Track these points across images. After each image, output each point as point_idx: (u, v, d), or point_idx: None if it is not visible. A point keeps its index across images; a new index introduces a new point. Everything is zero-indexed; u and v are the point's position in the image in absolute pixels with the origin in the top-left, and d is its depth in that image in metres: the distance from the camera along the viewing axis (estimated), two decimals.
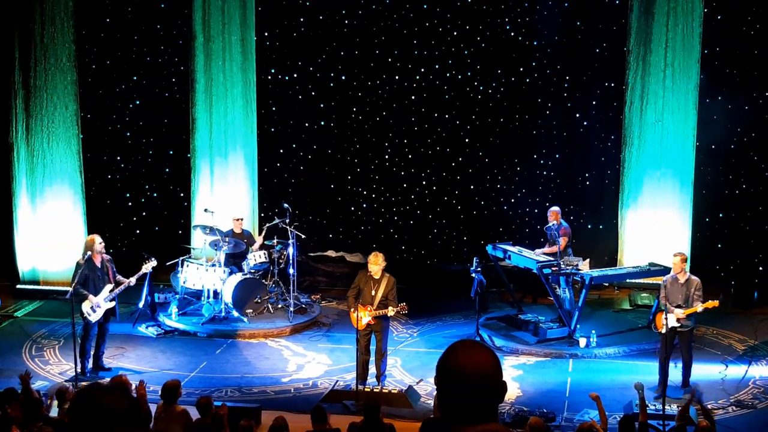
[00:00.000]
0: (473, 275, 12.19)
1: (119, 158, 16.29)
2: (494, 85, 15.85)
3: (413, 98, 16.10)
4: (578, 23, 15.40)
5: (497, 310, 13.87)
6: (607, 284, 14.30)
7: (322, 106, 16.35)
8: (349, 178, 16.54)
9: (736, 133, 14.86)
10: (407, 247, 16.48)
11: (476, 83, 15.91)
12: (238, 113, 15.10)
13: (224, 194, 15.13)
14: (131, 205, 16.43)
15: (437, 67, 15.94)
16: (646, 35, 14.23)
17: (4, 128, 14.78)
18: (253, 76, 15.24)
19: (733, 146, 14.94)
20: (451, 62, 15.90)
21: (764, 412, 10.21)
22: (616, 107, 15.13)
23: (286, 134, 16.43)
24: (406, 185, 16.43)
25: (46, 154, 14.57)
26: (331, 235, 16.65)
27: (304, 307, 13.73)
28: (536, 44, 15.53)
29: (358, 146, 16.45)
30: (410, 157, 16.35)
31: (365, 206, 16.62)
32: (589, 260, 13.09)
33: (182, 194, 16.02)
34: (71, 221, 14.78)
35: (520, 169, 15.98)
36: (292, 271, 13.31)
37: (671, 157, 14.36)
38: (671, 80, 14.17)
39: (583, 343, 12.06)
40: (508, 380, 3.14)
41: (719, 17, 14.64)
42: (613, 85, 15.25)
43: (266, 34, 15.85)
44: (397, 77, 16.09)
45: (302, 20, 16.04)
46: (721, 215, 15.19)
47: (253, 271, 13.54)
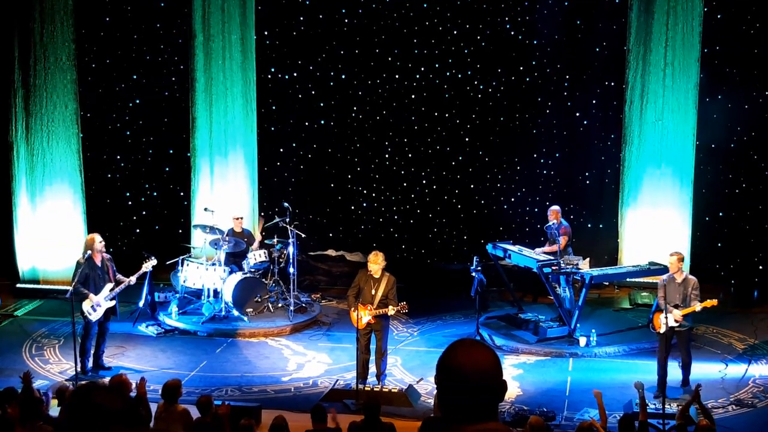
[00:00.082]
0: (473, 274, 12.18)
1: (119, 157, 16.28)
2: (494, 84, 15.85)
3: (413, 97, 16.10)
4: (578, 22, 15.40)
5: (497, 309, 13.87)
6: (607, 283, 14.30)
7: (322, 105, 16.35)
8: (349, 177, 16.54)
9: (736, 132, 14.86)
10: (407, 246, 16.48)
11: (476, 82, 15.91)
12: (238, 112, 15.09)
13: (224, 193, 15.12)
14: (131, 204, 16.43)
15: (437, 66, 15.94)
16: (646, 34, 14.22)
17: (3, 127, 14.77)
18: (253, 75, 15.24)
19: (732, 145, 14.94)
20: (451, 61, 15.89)
21: (764, 411, 10.20)
22: (616, 106, 15.13)
23: (286, 133, 16.43)
24: (406, 184, 16.43)
25: (45, 153, 14.56)
26: (331, 234, 16.65)
27: (304, 306, 13.73)
28: (536, 43, 15.53)
29: (358, 145, 16.44)
30: (410, 156, 16.35)
31: (365, 205, 16.62)
32: (589, 259, 13.07)
33: (182, 193, 16.02)
34: (71, 220, 14.77)
35: (520, 168, 15.98)
36: (292, 270, 13.31)
37: (671, 156, 14.36)
38: (671, 79, 14.17)
39: (583, 342, 12.06)
40: (508, 379, 3.14)
41: (719, 16, 14.63)
42: (613, 84, 15.25)
43: (266, 33, 15.84)
44: (397, 76, 16.09)
45: (302, 19, 16.04)
46: (721, 214, 15.19)
47: (253, 270, 13.54)
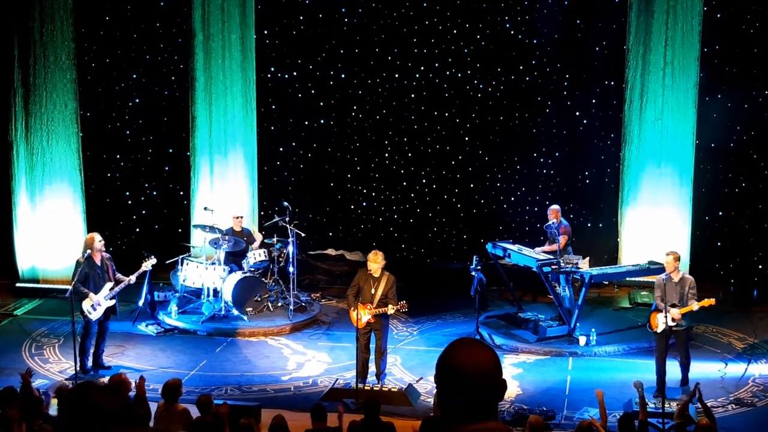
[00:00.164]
0: (473, 273, 12.19)
1: (119, 156, 16.28)
2: (494, 83, 15.85)
3: (413, 96, 16.10)
4: (578, 21, 15.40)
5: (497, 308, 13.87)
6: (606, 282, 14.30)
7: (321, 104, 16.34)
8: (348, 176, 16.54)
9: (735, 131, 14.87)
10: (407, 245, 16.48)
11: (476, 81, 15.91)
12: (237, 111, 15.10)
13: (224, 192, 15.12)
14: (131, 203, 16.42)
15: (437, 65, 15.94)
16: (645, 33, 14.22)
17: (3, 126, 14.77)
18: (252, 74, 15.24)
19: (732, 144, 14.94)
20: (450, 60, 15.89)
21: (764, 410, 10.20)
22: (615, 105, 15.13)
23: (285, 132, 16.43)
24: (405, 183, 16.43)
25: (45, 152, 14.55)
26: (330, 233, 16.65)
27: (303, 305, 13.73)
28: (536, 42, 15.53)
29: (357, 144, 16.44)
30: (410, 155, 16.35)
31: (365, 204, 16.62)
32: (588, 258, 13.06)
33: (182, 192, 16.01)
34: (71, 219, 14.77)
35: (519, 167, 15.98)
36: (291, 269, 13.31)
37: (671, 155, 14.36)
38: (671, 78, 14.17)
39: (582, 341, 12.06)
40: (507, 378, 3.14)
41: (719, 15, 14.63)
42: (612, 83, 15.25)
43: (266, 32, 15.84)
44: (396, 75, 16.09)
45: (302, 18, 16.04)
46: (720, 213, 15.20)
47: (252, 269, 13.54)
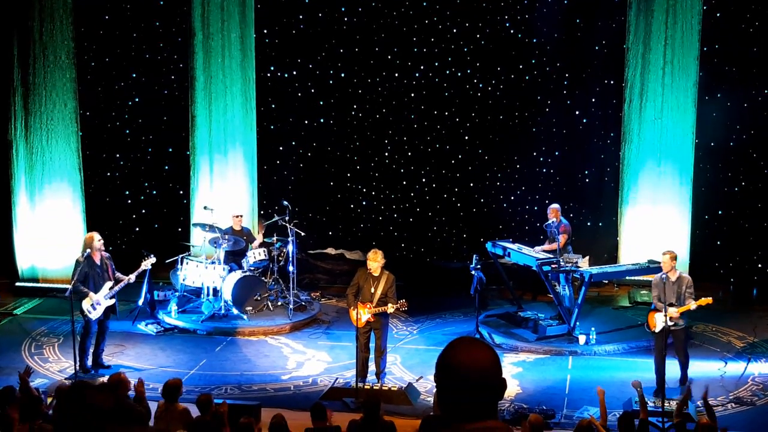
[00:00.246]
0: (473, 272, 12.18)
1: (118, 156, 16.27)
2: (494, 82, 15.85)
3: (413, 95, 16.10)
4: (577, 20, 15.39)
5: (497, 307, 13.88)
6: (606, 281, 14.30)
7: (321, 103, 16.34)
8: (348, 175, 16.54)
9: (735, 130, 14.87)
10: (407, 244, 16.48)
11: (476, 81, 15.90)
12: (237, 110, 15.09)
13: (223, 191, 15.12)
14: (131, 202, 16.42)
15: (437, 64, 15.93)
16: (645, 32, 14.22)
17: (3, 126, 14.76)
18: (252, 73, 15.23)
19: (732, 143, 14.94)
20: (450, 60, 15.88)
21: (763, 409, 10.21)
22: (615, 104, 15.13)
23: (285, 131, 16.43)
24: (405, 182, 16.43)
25: (45, 151, 14.55)
26: (330, 232, 16.65)
27: (303, 304, 13.72)
28: (536, 42, 15.52)
29: (357, 143, 16.44)
30: (410, 154, 16.35)
31: (365, 203, 16.62)
32: (588, 257, 13.06)
33: (181, 192, 16.01)
34: (70, 219, 14.76)
35: (519, 166, 15.98)
36: (291, 268, 13.30)
37: (670, 154, 14.36)
38: (670, 77, 14.17)
39: (582, 340, 12.06)
40: (507, 377, 3.14)
41: (718, 14, 14.63)
42: (612, 82, 15.24)
43: (265, 31, 15.83)
44: (396, 74, 16.08)
45: (301, 17, 16.04)
46: (720, 212, 15.20)
47: (252, 268, 13.54)
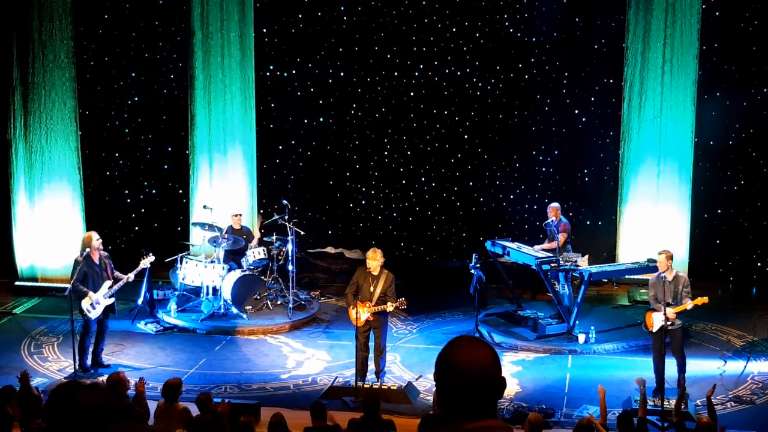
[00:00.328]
0: (472, 271, 12.19)
1: (118, 155, 16.28)
2: (493, 81, 15.85)
3: (412, 94, 16.10)
4: (577, 19, 15.40)
5: (496, 306, 13.88)
6: (605, 280, 14.31)
7: (320, 102, 16.35)
8: (348, 174, 16.54)
9: (734, 129, 14.88)
10: (406, 243, 16.49)
11: (475, 80, 15.91)
12: (236, 110, 15.09)
13: (223, 190, 15.12)
14: (130, 201, 16.42)
15: (436, 63, 15.94)
16: (644, 31, 14.22)
17: (2, 125, 14.76)
18: (251, 72, 15.23)
19: (731, 142, 14.95)
20: (449, 59, 15.89)
21: (763, 407, 10.21)
22: (614, 103, 15.13)
23: (284, 131, 16.43)
24: (404, 181, 16.43)
25: (44, 150, 14.54)
26: (330, 231, 16.66)
27: (303, 303, 13.72)
28: (535, 40, 15.52)
29: (357, 142, 16.44)
30: (409, 153, 16.35)
31: (364, 202, 16.62)
32: (588, 256, 13.07)
33: (181, 191, 16.01)
34: (70, 218, 14.76)
35: (519, 165, 15.99)
36: (291, 267, 13.31)
37: (670, 153, 14.36)
38: (669, 76, 14.18)
39: (582, 339, 12.07)
40: (507, 376, 3.15)
41: (717, 13, 14.64)
42: (611, 81, 15.25)
43: (265, 30, 15.83)
44: (395, 73, 16.09)
45: (301, 16, 16.04)
46: (719, 211, 15.20)
47: (252, 267, 13.54)
